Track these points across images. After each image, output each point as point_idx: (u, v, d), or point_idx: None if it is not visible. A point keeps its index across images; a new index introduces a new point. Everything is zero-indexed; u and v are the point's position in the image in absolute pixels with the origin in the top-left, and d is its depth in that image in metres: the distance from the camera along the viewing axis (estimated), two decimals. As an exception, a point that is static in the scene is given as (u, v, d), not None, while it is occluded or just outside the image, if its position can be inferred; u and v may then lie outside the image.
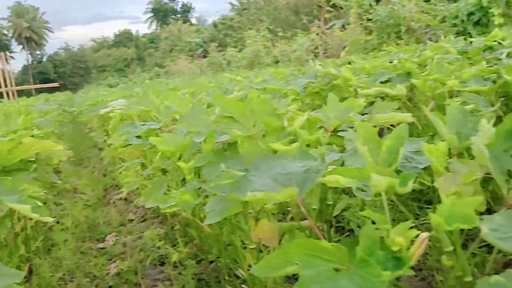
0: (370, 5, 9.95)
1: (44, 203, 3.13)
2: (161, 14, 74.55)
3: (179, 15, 74.50)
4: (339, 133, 1.05)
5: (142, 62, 60.11)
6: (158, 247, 2.69)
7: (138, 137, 1.85)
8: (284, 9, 36.78)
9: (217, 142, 1.34)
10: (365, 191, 0.60)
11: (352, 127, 1.14)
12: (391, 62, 2.11)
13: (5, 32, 65.13)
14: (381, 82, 1.94)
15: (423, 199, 2.14)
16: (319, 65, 2.19)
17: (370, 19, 9.62)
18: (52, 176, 1.84)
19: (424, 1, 9.25)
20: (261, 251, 1.45)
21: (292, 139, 1.08)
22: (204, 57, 27.59)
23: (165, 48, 57.67)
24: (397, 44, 8.16)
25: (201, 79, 5.42)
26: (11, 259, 1.95)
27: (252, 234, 1.14)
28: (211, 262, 2.24)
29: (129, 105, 2.59)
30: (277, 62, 12.59)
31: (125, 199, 4.17)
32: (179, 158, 2.02)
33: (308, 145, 1.10)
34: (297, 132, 1.00)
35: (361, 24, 10.02)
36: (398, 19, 8.83)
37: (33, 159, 1.84)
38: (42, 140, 1.34)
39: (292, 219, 1.40)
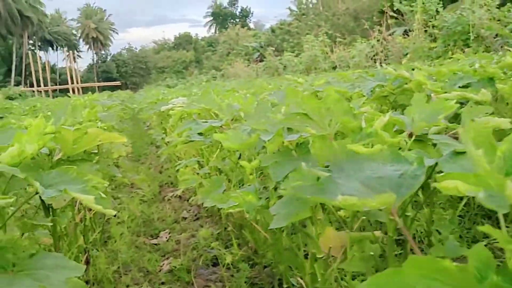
0: (437, 11, 9.52)
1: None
2: (220, 18, 75.94)
3: (237, 20, 75.55)
4: (431, 136, 0.95)
5: (200, 65, 61.44)
6: (211, 247, 2.66)
7: (200, 134, 1.82)
8: (343, 15, 36.30)
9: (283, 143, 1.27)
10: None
11: (437, 133, 1.03)
12: (471, 67, 1.96)
13: (74, 32, 68.88)
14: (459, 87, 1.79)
15: None
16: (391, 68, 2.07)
17: (435, 26, 9.20)
18: (113, 169, 1.85)
19: (497, 7, 8.72)
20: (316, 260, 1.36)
21: (367, 142, 0.99)
22: (261, 61, 27.73)
23: (223, 52, 58.63)
24: (463, 52, 7.76)
25: (259, 81, 5.39)
26: (70, 249, 1.98)
27: (321, 242, 1.05)
28: (266, 266, 2.18)
29: (190, 103, 2.58)
30: (334, 67, 12.37)
31: (180, 196, 4.20)
32: (239, 158, 1.97)
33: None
34: (378, 134, 0.91)
35: (425, 30, 9.62)
36: (466, 26, 8.38)
37: (95, 151, 1.85)
38: (106, 131, 1.32)
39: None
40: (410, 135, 0.99)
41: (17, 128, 1.45)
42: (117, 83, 52.42)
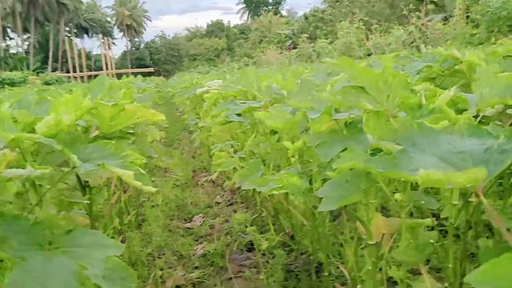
0: (480, -5, 9.09)
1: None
2: (252, 5, 75.48)
3: (270, 7, 74.88)
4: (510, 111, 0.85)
5: (232, 52, 61.44)
6: (246, 232, 2.61)
7: (239, 115, 1.76)
8: (378, 1, 35.40)
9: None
10: None
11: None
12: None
13: (109, 19, 70.02)
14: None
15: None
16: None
17: (478, 11, 8.75)
18: (149, 150, 1.81)
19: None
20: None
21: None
22: (293, 48, 27.43)
23: (255, 39, 58.37)
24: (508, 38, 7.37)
25: (294, 67, 5.27)
26: (105, 231, 1.97)
27: (371, 229, 0.97)
28: (303, 253, 2.11)
29: (226, 85, 2.52)
30: (369, 55, 12.06)
31: (213, 181, 4.17)
32: (277, 140, 1.89)
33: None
34: (442, 110, 0.82)
35: (467, 16, 9.18)
36: (513, 11, 7.96)
37: (131, 131, 1.81)
38: (143, 108, 1.28)
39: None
40: (477, 114, 0.89)
41: (54, 102, 1.43)
42: (150, 69, 53.00)
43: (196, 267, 2.37)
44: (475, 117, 0.98)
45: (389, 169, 0.55)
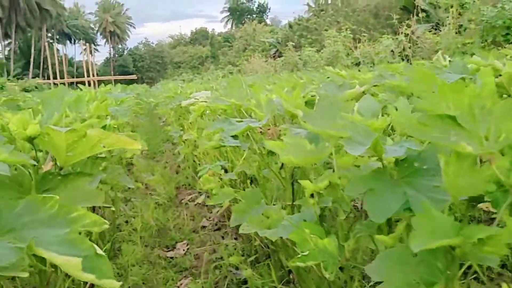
0: (474, 1, 8.84)
1: (112, 201, 2.84)
2: (237, 14, 75.54)
3: (254, 15, 75.03)
4: None
5: (216, 60, 61.28)
6: (237, 267, 2.27)
7: (235, 137, 1.43)
8: (363, 11, 35.66)
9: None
10: None
11: None
12: None
13: (92, 26, 69.21)
14: None
15: None
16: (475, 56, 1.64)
17: (471, 20, 8.58)
18: (124, 179, 1.46)
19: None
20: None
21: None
22: (279, 56, 27.25)
23: (239, 47, 58.33)
24: (503, 48, 7.22)
25: (285, 76, 4.96)
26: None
27: None
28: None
29: (216, 97, 2.19)
30: (357, 64, 11.87)
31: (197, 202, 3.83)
32: (281, 167, 1.57)
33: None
34: None
35: (460, 25, 9.00)
36: (508, 20, 7.77)
37: (102, 155, 1.46)
38: (113, 133, 0.93)
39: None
40: None
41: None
42: (133, 76, 52.40)
43: (180, 311, 2.02)
44: None
45: None
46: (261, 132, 2.05)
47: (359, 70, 10.78)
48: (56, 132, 0.91)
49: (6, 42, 55.26)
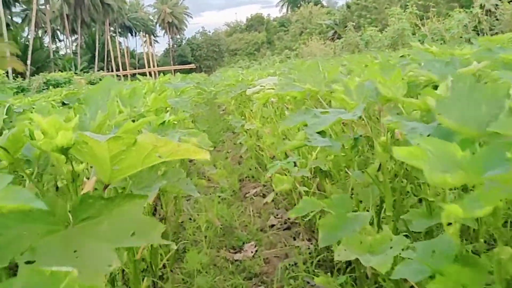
0: None
1: (175, 199, 2.66)
2: (292, -3, 74.25)
3: (310, -2, 73.38)
4: None
5: (272, 46, 60.86)
6: (313, 276, 2.00)
7: (322, 133, 1.14)
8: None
9: None
10: None
11: None
12: None
13: (151, 17, 71.01)
14: None
15: None
16: None
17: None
18: (187, 186, 1.23)
19: None
20: None
21: None
22: (338, 38, 26.44)
23: (295, 31, 57.49)
24: None
25: (357, 57, 4.55)
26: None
27: None
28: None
29: (286, 83, 1.90)
30: (424, 41, 11.04)
31: (263, 195, 3.59)
32: (378, 169, 1.26)
33: None
34: None
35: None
36: None
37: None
38: (172, 141, 0.68)
39: None
40: None
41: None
42: (192, 66, 53.33)
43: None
44: None
45: None
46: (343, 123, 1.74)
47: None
48: (95, 141, 0.66)
49: (73, 38, 58.07)
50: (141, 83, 2.76)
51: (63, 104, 3.39)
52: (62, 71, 30.12)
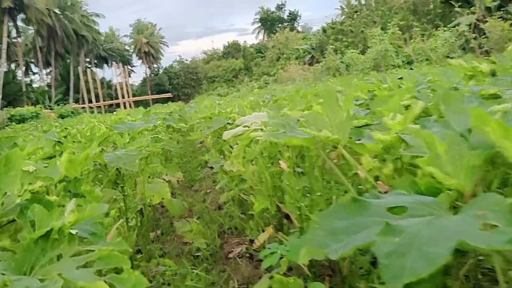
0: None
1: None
2: (268, 24, 74.94)
3: (285, 24, 74.21)
4: None
5: (250, 72, 60.88)
6: None
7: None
8: (400, 9, 34.09)
9: None
10: None
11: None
12: None
13: (127, 48, 70.49)
14: None
15: None
16: None
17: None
18: None
19: None
20: None
21: None
22: (317, 62, 26.24)
23: (272, 57, 57.70)
24: None
25: (355, 81, 3.95)
26: None
27: None
28: None
29: (283, 123, 1.24)
30: (409, 62, 10.64)
31: (250, 255, 2.88)
32: None
33: None
34: None
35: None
36: None
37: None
38: None
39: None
40: None
41: None
42: (168, 95, 52.63)
43: None
44: None
45: None
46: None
47: (411, 69, 9.60)
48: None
49: (48, 70, 56.95)
50: (78, 127, 2.02)
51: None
52: (35, 105, 29.03)
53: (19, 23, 50.06)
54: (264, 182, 2.50)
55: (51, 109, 19.37)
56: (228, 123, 3.02)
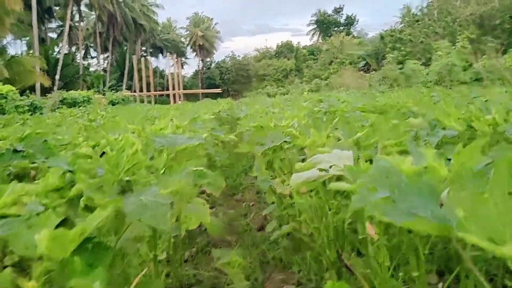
0: None
1: None
2: (324, 26, 73.80)
3: (342, 28, 72.81)
4: None
5: (300, 73, 60.15)
6: None
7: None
8: (465, 21, 32.22)
9: None
10: None
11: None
12: None
13: (183, 40, 71.57)
14: None
15: None
16: None
17: None
18: None
19: None
20: None
21: None
22: (373, 70, 25.29)
23: (325, 60, 56.66)
24: None
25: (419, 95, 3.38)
26: None
27: None
28: None
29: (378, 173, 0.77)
30: (477, 79, 9.80)
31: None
32: None
33: None
34: None
35: None
36: None
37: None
38: None
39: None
40: None
41: None
42: (218, 90, 52.94)
43: None
44: None
45: None
46: None
47: (484, 87, 8.64)
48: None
49: (105, 55, 58.70)
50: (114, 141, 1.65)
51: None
52: (90, 88, 29.76)
53: (83, 8, 51.86)
54: (325, 222, 2.05)
55: (103, 94, 19.65)
56: (285, 141, 2.59)
